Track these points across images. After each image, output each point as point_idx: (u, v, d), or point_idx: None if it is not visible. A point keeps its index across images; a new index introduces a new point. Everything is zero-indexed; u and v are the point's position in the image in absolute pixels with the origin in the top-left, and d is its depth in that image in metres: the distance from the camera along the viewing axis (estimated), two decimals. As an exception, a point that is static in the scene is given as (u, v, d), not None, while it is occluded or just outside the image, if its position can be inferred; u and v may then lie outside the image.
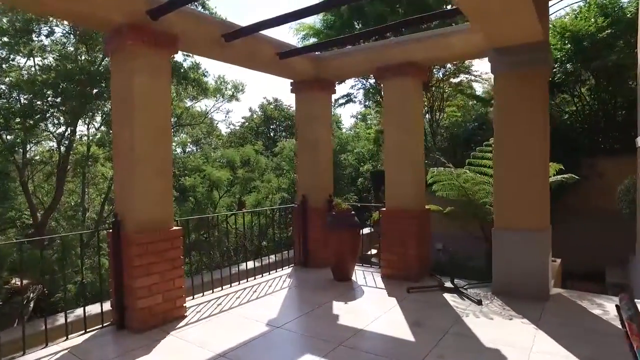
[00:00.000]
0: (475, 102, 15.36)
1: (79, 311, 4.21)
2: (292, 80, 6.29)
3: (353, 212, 5.47)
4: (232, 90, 14.70)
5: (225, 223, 6.29)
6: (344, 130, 26.81)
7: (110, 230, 3.79)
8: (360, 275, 5.65)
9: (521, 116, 4.46)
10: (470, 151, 9.81)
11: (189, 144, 20.95)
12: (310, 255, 6.21)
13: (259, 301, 4.63)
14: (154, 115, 3.89)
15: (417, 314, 4.10)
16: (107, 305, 3.87)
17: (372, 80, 14.27)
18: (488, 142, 5.22)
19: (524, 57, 4.36)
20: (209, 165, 13.02)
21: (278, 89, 54.98)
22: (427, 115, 18.19)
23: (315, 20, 12.87)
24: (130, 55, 3.74)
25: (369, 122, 24.29)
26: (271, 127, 28.84)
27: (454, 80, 14.55)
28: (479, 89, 17.72)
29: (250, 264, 5.97)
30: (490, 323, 3.82)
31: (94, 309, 4.22)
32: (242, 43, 4.74)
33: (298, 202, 6.24)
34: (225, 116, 35.19)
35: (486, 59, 4.62)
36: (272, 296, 4.81)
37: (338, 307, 4.37)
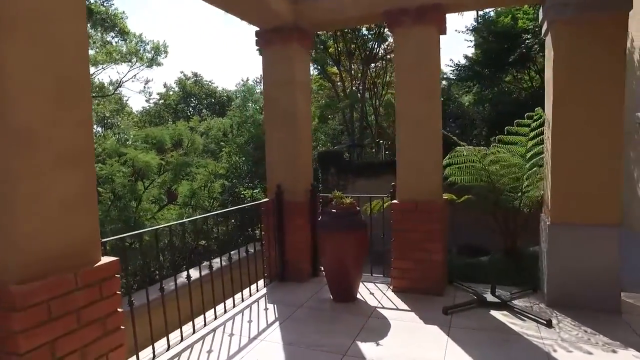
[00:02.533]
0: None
1: None
2: (258, 29, 4.57)
3: (358, 208, 4.05)
4: (153, 52, 11.80)
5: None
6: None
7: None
8: (363, 289, 4.29)
9: (592, 76, 3.40)
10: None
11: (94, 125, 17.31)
12: (289, 267, 4.68)
13: (245, 356, 3.01)
14: (53, 52, 1.99)
15: (488, 353, 2.88)
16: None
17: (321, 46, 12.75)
18: (532, 113, 4.13)
19: (602, -5, 3.27)
20: (130, 147, 10.21)
21: (196, 63, 50.36)
22: (366, 94, 17.33)
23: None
24: None
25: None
26: (191, 104, 25.78)
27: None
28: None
29: (195, 274, 4.13)
30: (596, 362, 2.74)
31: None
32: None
33: (272, 196, 4.62)
34: (145, 87, 30.78)
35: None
36: (263, 342, 3.21)
37: (371, 353, 2.95)
